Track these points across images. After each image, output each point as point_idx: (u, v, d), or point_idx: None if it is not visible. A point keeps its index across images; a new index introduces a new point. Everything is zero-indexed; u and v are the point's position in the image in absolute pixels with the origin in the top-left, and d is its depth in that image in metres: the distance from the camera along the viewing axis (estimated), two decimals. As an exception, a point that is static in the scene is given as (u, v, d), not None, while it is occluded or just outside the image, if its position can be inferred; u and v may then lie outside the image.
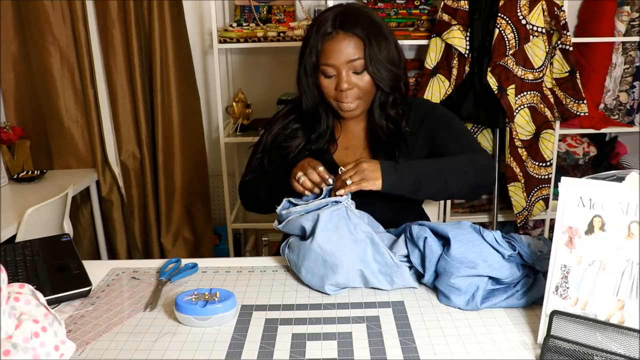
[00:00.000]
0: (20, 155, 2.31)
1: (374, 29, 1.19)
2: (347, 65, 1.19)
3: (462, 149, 1.24)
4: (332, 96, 1.24)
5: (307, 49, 1.23)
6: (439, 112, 1.33)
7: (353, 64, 1.19)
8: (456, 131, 1.29)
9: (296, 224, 1.07)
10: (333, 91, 1.22)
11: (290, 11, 2.44)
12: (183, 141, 2.43)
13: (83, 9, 2.25)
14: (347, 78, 1.20)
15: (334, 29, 1.19)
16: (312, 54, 1.22)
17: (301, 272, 1.05)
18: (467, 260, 0.95)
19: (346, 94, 1.21)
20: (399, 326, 0.91)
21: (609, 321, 0.78)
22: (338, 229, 1.02)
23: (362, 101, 1.24)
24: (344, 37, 1.18)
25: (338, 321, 0.93)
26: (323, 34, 1.19)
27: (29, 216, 1.70)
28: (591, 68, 2.37)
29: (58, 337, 0.79)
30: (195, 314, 0.91)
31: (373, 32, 1.19)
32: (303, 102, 1.29)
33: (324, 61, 1.20)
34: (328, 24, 1.19)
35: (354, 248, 1.01)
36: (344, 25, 1.18)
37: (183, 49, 2.36)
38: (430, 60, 2.18)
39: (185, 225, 2.53)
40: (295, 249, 1.07)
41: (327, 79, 1.22)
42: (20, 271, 1.08)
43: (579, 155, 2.53)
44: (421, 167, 1.15)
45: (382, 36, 1.20)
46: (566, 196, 0.81)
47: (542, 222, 2.51)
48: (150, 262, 1.20)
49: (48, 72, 2.31)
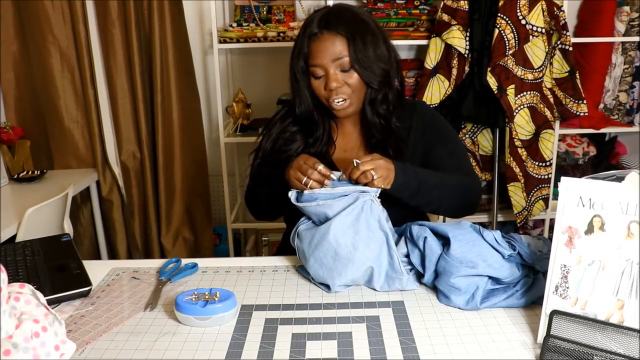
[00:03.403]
0: (20, 155, 2.31)
1: (359, 26, 1.21)
2: (334, 64, 1.20)
3: (457, 169, 1.26)
4: (323, 96, 1.24)
5: (295, 52, 1.25)
6: (440, 125, 1.34)
7: (339, 62, 1.20)
8: (454, 149, 1.32)
9: (319, 210, 1.04)
10: (324, 91, 1.23)
11: (290, 11, 2.44)
12: (183, 141, 2.43)
13: (83, 9, 2.25)
14: (335, 77, 1.21)
15: (319, 29, 1.21)
16: (301, 56, 1.24)
17: (309, 261, 1.04)
18: (467, 260, 0.95)
19: (336, 91, 1.22)
20: (399, 326, 0.91)
21: (608, 321, 0.78)
22: (357, 222, 1.00)
23: (354, 99, 1.24)
24: (328, 37, 1.20)
25: (338, 321, 0.93)
26: (309, 35, 1.22)
27: (29, 216, 1.70)
28: (591, 68, 2.37)
29: (58, 337, 0.79)
30: (195, 313, 0.91)
31: (358, 30, 1.20)
32: (297, 106, 1.30)
33: (312, 62, 1.22)
34: (314, 24, 1.21)
35: (369, 244, 1.00)
36: (328, 25, 1.20)
37: (183, 49, 2.36)
38: (430, 60, 2.18)
39: (185, 225, 2.53)
40: (307, 237, 1.05)
41: (317, 80, 1.24)
42: (21, 271, 1.08)
43: (578, 155, 2.53)
44: (422, 175, 1.16)
45: (368, 33, 1.21)
46: (566, 196, 0.81)
47: (542, 222, 2.51)
48: (150, 262, 1.20)
49: (48, 72, 2.31)
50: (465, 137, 2.36)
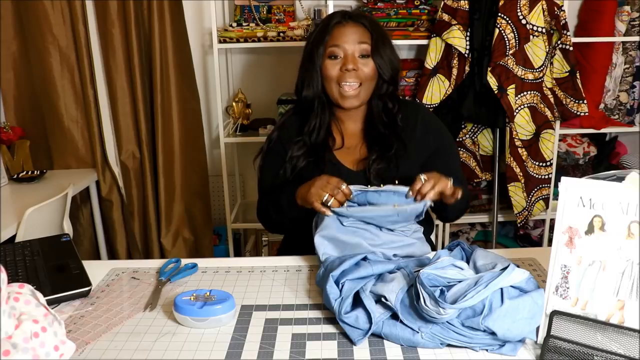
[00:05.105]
0: (20, 155, 2.31)
1: (379, 27, 1.32)
2: (356, 47, 1.26)
3: (455, 177, 1.25)
4: (335, 78, 1.27)
5: (314, 36, 1.31)
6: (446, 137, 1.39)
7: (362, 46, 1.27)
8: (454, 162, 1.39)
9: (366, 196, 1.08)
10: (337, 72, 1.27)
11: (290, 11, 2.44)
12: (183, 141, 2.43)
13: (83, 9, 2.24)
14: (354, 58, 1.26)
15: (344, 19, 1.29)
16: (320, 40, 1.28)
17: (318, 234, 1.07)
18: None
19: (350, 74, 1.26)
20: (399, 326, 0.91)
21: (609, 321, 0.78)
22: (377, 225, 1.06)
23: (363, 88, 1.28)
24: (353, 25, 1.28)
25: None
26: (333, 24, 1.29)
27: (29, 216, 1.70)
28: (591, 68, 2.37)
29: (58, 337, 0.79)
30: (193, 314, 0.91)
31: (378, 28, 1.31)
32: (304, 88, 1.32)
33: (333, 42, 1.27)
34: (337, 17, 1.30)
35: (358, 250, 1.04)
36: (352, 17, 1.30)
37: (183, 49, 2.36)
38: (430, 60, 2.18)
39: (185, 225, 2.53)
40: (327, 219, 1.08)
41: (333, 61, 1.27)
42: (20, 271, 1.08)
43: (579, 155, 2.53)
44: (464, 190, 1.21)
45: (385, 35, 1.32)
46: (566, 196, 0.81)
47: (542, 222, 2.51)
48: (150, 262, 1.20)
49: (48, 72, 2.31)
50: (465, 137, 2.36)
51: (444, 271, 0.88)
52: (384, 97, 1.33)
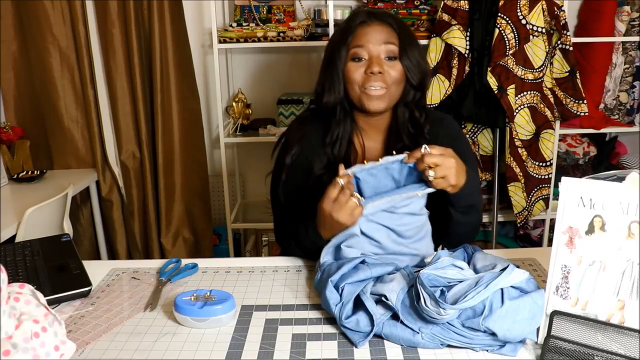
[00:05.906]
0: (20, 155, 2.31)
1: (406, 27, 1.21)
2: (382, 48, 1.15)
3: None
4: (359, 82, 1.16)
5: (336, 37, 1.20)
6: (465, 147, 1.28)
7: (388, 47, 1.15)
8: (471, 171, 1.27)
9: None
10: (362, 76, 1.16)
11: (290, 11, 2.44)
12: (183, 141, 2.43)
13: (83, 9, 2.25)
14: (379, 60, 1.15)
15: (369, 18, 1.18)
16: (343, 41, 1.18)
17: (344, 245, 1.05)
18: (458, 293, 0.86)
19: (376, 77, 1.14)
20: (399, 326, 0.91)
21: (609, 321, 0.78)
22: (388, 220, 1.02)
23: (389, 93, 1.17)
24: (379, 24, 1.17)
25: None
26: (357, 23, 1.18)
27: (29, 216, 1.70)
28: (591, 68, 2.37)
29: (58, 337, 0.79)
30: (193, 315, 0.91)
31: (405, 28, 1.20)
32: (325, 94, 1.20)
33: (356, 43, 1.16)
34: (361, 15, 1.19)
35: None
36: (378, 16, 1.18)
37: (183, 49, 2.36)
38: (430, 60, 2.18)
39: (185, 225, 2.53)
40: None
41: (356, 63, 1.16)
42: (20, 271, 1.08)
43: (579, 155, 2.53)
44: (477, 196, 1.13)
45: (413, 36, 1.21)
46: (566, 196, 0.81)
47: (542, 222, 2.51)
48: (150, 262, 1.20)
49: (48, 72, 2.31)
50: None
51: (444, 271, 0.88)
52: (411, 105, 1.21)
